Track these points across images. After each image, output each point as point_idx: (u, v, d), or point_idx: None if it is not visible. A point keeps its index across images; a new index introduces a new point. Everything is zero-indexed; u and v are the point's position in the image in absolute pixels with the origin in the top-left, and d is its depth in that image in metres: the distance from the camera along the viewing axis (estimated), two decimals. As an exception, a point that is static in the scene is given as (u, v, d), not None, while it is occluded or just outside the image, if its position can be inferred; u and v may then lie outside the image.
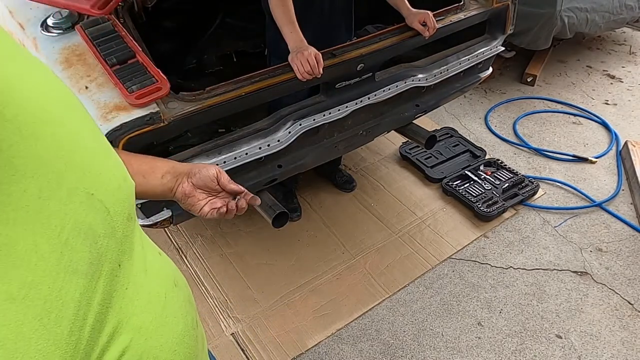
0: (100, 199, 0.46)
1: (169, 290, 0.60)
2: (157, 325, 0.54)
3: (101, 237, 0.46)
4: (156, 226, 1.52)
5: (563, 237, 2.34)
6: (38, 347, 0.38)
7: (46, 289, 0.39)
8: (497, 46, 2.14)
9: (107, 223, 0.47)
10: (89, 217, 0.45)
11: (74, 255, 0.42)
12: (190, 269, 2.15)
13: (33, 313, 0.38)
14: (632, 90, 3.44)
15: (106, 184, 0.48)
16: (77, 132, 0.47)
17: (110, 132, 1.23)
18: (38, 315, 0.38)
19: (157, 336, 0.54)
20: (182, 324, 0.60)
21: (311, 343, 1.89)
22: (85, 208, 0.45)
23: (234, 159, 1.53)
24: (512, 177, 2.58)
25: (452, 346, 1.90)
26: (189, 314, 0.63)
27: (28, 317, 0.37)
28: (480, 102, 3.30)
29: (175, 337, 0.58)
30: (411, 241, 2.29)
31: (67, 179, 0.44)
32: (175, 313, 0.59)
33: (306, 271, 2.15)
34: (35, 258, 0.39)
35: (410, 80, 1.89)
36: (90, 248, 0.44)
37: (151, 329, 0.53)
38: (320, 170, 2.43)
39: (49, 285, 0.40)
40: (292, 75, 1.54)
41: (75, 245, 0.43)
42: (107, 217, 0.47)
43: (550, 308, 2.03)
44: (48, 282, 0.40)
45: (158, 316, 0.55)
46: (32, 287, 0.38)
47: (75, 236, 0.43)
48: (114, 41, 1.39)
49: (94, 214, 0.46)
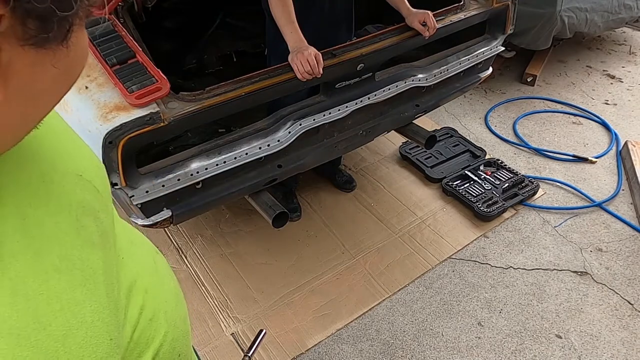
0: (88, 179, 0.50)
1: (154, 256, 0.66)
2: (156, 285, 0.60)
3: (100, 212, 0.49)
4: (156, 226, 1.52)
5: (563, 237, 2.34)
6: (91, 308, 0.42)
7: (78, 261, 0.43)
8: (497, 46, 2.14)
9: (100, 200, 0.50)
10: (86, 196, 0.48)
11: (86, 230, 0.46)
12: (190, 269, 2.15)
13: (77, 280, 0.42)
14: (632, 90, 3.44)
15: (88, 165, 0.52)
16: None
17: (110, 132, 1.23)
18: (81, 282, 0.42)
19: (160, 294, 0.60)
20: (173, 282, 0.67)
21: (311, 343, 1.89)
22: (80, 188, 0.48)
23: (234, 159, 1.53)
24: (512, 177, 2.58)
25: (452, 346, 1.90)
26: (172, 275, 0.70)
27: (75, 284, 0.41)
28: (480, 102, 3.30)
29: (172, 294, 0.64)
30: (411, 241, 2.29)
31: (58, 162, 0.47)
32: (165, 274, 0.66)
33: (306, 271, 2.15)
34: (61, 234, 0.43)
35: (410, 80, 1.89)
36: (95, 223, 0.47)
37: (153, 289, 0.59)
38: (320, 170, 2.43)
39: (79, 257, 0.43)
40: (292, 76, 1.54)
41: (85, 221, 0.46)
42: (98, 195, 0.50)
43: (550, 308, 2.03)
44: (77, 255, 0.43)
45: (155, 278, 0.61)
46: (68, 259, 0.42)
47: (82, 213, 0.46)
48: (114, 41, 1.39)
49: (88, 193, 0.49)
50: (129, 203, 1.39)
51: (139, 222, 1.48)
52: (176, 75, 2.34)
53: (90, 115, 1.27)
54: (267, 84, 1.50)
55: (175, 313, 0.63)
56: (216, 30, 2.61)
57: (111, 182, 1.33)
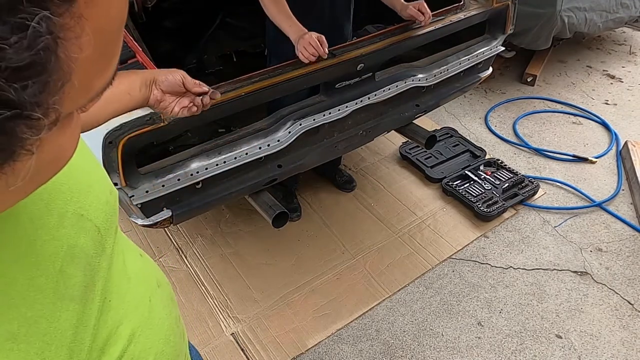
0: (90, 219, 0.46)
1: (152, 293, 0.61)
2: (144, 330, 0.55)
3: (93, 257, 0.46)
4: (156, 226, 1.52)
5: (563, 237, 2.34)
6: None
7: (45, 323, 0.39)
8: (497, 46, 2.14)
9: (98, 242, 0.47)
10: (81, 240, 0.45)
11: (68, 281, 0.42)
12: (190, 269, 2.15)
13: (35, 349, 0.38)
14: (632, 90, 3.44)
15: (95, 202, 0.48)
16: None
17: (110, 132, 1.23)
18: (39, 350, 0.38)
19: (145, 340, 0.55)
20: (167, 323, 0.61)
21: (311, 343, 1.89)
22: (76, 230, 0.44)
23: (234, 159, 1.53)
24: (512, 177, 2.58)
25: (452, 346, 1.90)
26: (172, 313, 0.64)
27: (30, 354, 0.37)
28: (480, 102, 3.30)
29: (162, 338, 0.59)
30: (411, 241, 2.29)
31: (56, 203, 0.43)
32: (160, 314, 0.60)
33: (306, 271, 2.15)
34: (32, 293, 0.39)
35: (410, 80, 1.89)
36: (84, 271, 0.44)
37: (139, 334, 0.54)
38: (320, 170, 2.43)
39: (47, 317, 0.39)
40: (292, 75, 1.54)
41: (70, 271, 0.42)
42: (97, 236, 0.47)
43: (550, 308, 2.03)
44: (46, 315, 0.39)
45: (145, 320, 0.56)
46: (32, 323, 0.38)
47: (69, 262, 0.42)
48: (114, 41, 1.39)
49: (85, 235, 0.45)
50: (129, 203, 1.39)
51: (139, 222, 1.48)
52: (176, 75, 2.33)
53: (90, 115, 1.27)
54: (267, 84, 1.50)
55: (167, 353, 0.59)
56: (216, 30, 2.61)
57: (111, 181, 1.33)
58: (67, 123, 0.30)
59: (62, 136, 0.30)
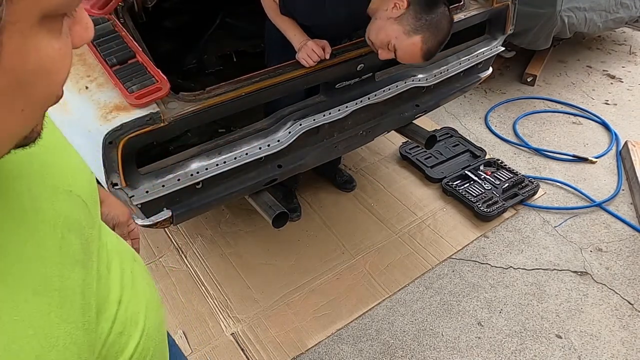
0: (78, 194, 0.50)
1: (132, 266, 0.67)
2: (131, 297, 0.61)
3: (86, 228, 0.50)
4: (156, 226, 1.52)
5: (563, 237, 2.34)
6: (65, 331, 0.42)
7: (57, 281, 0.43)
8: (497, 46, 2.14)
9: (88, 215, 0.52)
10: (74, 212, 0.49)
11: (70, 248, 0.46)
12: (190, 269, 2.15)
13: (55, 302, 0.42)
14: (632, 90, 3.44)
15: (79, 179, 0.52)
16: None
17: (110, 132, 1.23)
18: (58, 304, 0.42)
19: (132, 306, 0.61)
20: (149, 292, 0.68)
21: (311, 343, 1.89)
22: (69, 204, 0.49)
23: (234, 159, 1.53)
24: (512, 177, 2.58)
25: (452, 346, 1.90)
26: (150, 284, 0.71)
27: (52, 307, 0.41)
28: (480, 102, 3.30)
29: (146, 304, 0.65)
30: (411, 241, 2.29)
31: (48, 178, 0.47)
32: (141, 284, 0.66)
33: (306, 271, 2.15)
34: (43, 252, 0.43)
35: (410, 80, 1.89)
36: (80, 240, 0.48)
37: (127, 301, 0.60)
38: (320, 170, 2.43)
39: (59, 276, 0.44)
40: (292, 76, 1.54)
41: (69, 238, 0.46)
42: (86, 210, 0.51)
43: (550, 308, 2.03)
44: (57, 274, 0.43)
45: (130, 289, 0.62)
46: (48, 280, 0.42)
47: (67, 231, 0.46)
48: (114, 41, 1.39)
49: (77, 208, 0.50)
50: (129, 203, 1.39)
51: (139, 222, 1.48)
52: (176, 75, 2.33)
53: (90, 116, 1.27)
54: (267, 84, 1.50)
55: (149, 323, 0.63)
56: (216, 30, 2.61)
57: (111, 182, 1.33)
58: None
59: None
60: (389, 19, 1.44)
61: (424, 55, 1.45)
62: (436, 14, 1.42)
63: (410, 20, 1.41)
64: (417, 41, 1.42)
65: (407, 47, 1.44)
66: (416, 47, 1.43)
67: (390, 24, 1.43)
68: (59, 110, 1.38)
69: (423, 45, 1.43)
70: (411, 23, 1.41)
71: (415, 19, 1.41)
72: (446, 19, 1.45)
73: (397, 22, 1.42)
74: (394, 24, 1.43)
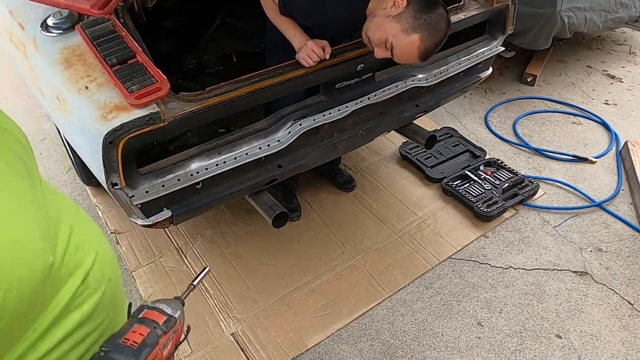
0: (14, 134, 0.63)
1: (74, 203, 0.78)
2: (79, 225, 0.72)
3: (25, 159, 0.63)
4: (156, 226, 1.52)
5: (563, 237, 2.34)
6: (36, 214, 0.59)
7: (30, 200, 0.59)
8: (497, 46, 2.14)
9: (24, 149, 0.64)
10: (15, 146, 0.62)
11: (16, 168, 0.60)
12: (190, 269, 2.15)
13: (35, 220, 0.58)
14: (632, 90, 3.44)
15: (16, 126, 0.65)
16: None
17: (110, 132, 1.23)
18: (29, 193, 0.59)
19: (84, 229, 0.73)
20: (96, 227, 0.79)
21: (311, 343, 1.89)
22: (9, 139, 0.62)
23: (234, 159, 1.53)
24: (512, 177, 2.58)
25: (452, 346, 1.90)
26: (94, 223, 0.81)
27: (34, 227, 0.58)
28: (480, 102, 3.30)
29: (96, 233, 0.77)
30: (411, 241, 2.30)
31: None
32: (86, 217, 0.79)
33: (306, 271, 2.15)
34: (12, 177, 0.58)
35: (410, 80, 1.89)
36: (24, 164, 0.62)
37: (78, 224, 0.72)
38: (320, 170, 2.43)
39: (30, 195, 0.60)
40: (292, 76, 1.54)
41: (15, 162, 0.60)
42: (21, 146, 0.64)
43: (550, 308, 2.03)
44: (28, 193, 0.60)
45: (76, 214, 0.75)
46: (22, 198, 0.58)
47: (14, 158, 0.61)
48: (114, 41, 1.39)
49: (16, 144, 0.63)
50: (129, 203, 1.39)
51: (139, 222, 1.48)
52: (176, 75, 2.34)
53: (90, 116, 1.27)
54: (267, 84, 1.50)
55: (101, 246, 0.75)
56: (216, 30, 2.61)
57: (111, 182, 1.33)
58: None
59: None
60: (388, 16, 1.44)
61: (420, 54, 1.46)
62: (435, 15, 1.42)
63: (409, 19, 1.41)
64: (415, 40, 1.42)
65: (404, 45, 1.44)
66: (414, 45, 1.43)
67: (388, 21, 1.44)
68: (59, 110, 1.39)
69: (421, 44, 1.43)
70: (410, 21, 1.41)
71: (414, 17, 1.41)
72: (444, 21, 1.45)
73: (395, 20, 1.42)
74: (393, 22, 1.43)
